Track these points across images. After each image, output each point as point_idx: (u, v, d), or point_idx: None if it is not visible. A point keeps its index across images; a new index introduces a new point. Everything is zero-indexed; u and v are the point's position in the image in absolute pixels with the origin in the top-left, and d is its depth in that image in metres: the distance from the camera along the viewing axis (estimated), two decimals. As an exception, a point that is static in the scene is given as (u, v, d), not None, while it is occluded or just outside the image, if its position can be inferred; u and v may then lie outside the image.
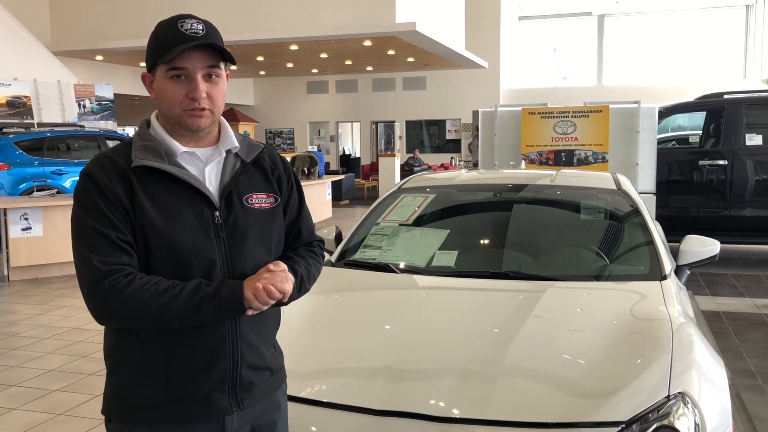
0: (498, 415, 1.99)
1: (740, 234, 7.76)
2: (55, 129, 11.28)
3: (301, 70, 20.93)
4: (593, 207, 3.58)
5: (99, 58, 16.36)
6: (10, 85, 12.26)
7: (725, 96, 8.07)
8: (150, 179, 1.54)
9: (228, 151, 1.65)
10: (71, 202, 8.39)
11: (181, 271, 1.52)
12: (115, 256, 1.47)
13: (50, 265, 7.88)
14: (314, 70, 21.42)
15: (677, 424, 1.93)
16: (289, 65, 19.25)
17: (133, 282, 1.45)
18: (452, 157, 20.04)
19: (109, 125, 13.64)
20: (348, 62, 18.74)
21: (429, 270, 3.12)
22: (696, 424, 1.96)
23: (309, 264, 1.72)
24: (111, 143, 11.56)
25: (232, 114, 21.12)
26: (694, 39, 21.99)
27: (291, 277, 1.58)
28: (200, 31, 1.54)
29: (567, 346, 2.35)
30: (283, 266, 1.59)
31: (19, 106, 12.37)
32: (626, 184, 3.75)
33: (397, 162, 16.02)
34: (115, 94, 14.19)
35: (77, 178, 1.56)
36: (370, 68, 20.63)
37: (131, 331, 1.55)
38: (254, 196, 1.64)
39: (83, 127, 12.06)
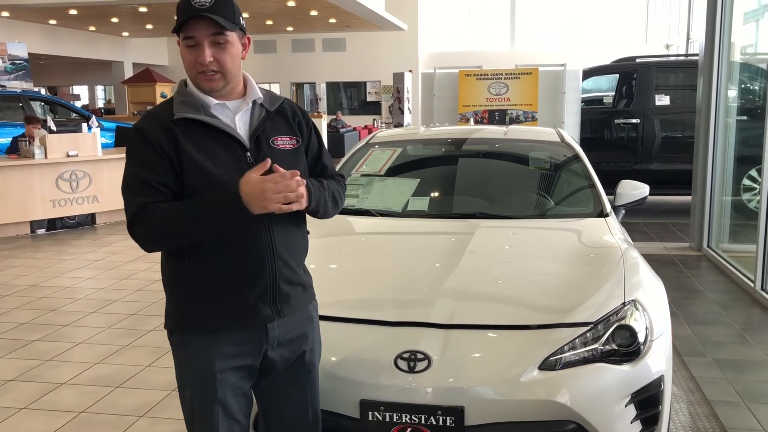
0: (490, 321, 2.43)
1: (649, 186, 8.51)
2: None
3: (220, 29, 20.52)
4: (542, 157, 4.06)
5: (5, 14, 15.57)
6: None
7: (637, 60, 8.79)
8: (190, 128, 1.82)
9: (254, 102, 1.95)
10: (8, 163, 8.21)
11: None
12: (150, 195, 1.77)
13: (-13, 228, 7.76)
14: (232, 30, 21.03)
15: (633, 324, 2.43)
16: (208, 25, 18.86)
17: (157, 210, 1.75)
18: (374, 119, 20.38)
19: (24, 85, 13.14)
20: (269, 22, 18.61)
21: (405, 213, 3.52)
22: (646, 326, 2.47)
23: (332, 185, 2.06)
24: (35, 104, 11.21)
25: (149, 74, 20.40)
26: (599, 4, 23.09)
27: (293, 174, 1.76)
28: (207, 3, 1.80)
29: (536, 271, 2.82)
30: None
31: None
32: (568, 137, 4.25)
33: (324, 122, 16.22)
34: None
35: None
36: (290, 29, 20.55)
37: (184, 257, 1.86)
38: (279, 138, 1.95)
39: (4, 87, 11.60)
